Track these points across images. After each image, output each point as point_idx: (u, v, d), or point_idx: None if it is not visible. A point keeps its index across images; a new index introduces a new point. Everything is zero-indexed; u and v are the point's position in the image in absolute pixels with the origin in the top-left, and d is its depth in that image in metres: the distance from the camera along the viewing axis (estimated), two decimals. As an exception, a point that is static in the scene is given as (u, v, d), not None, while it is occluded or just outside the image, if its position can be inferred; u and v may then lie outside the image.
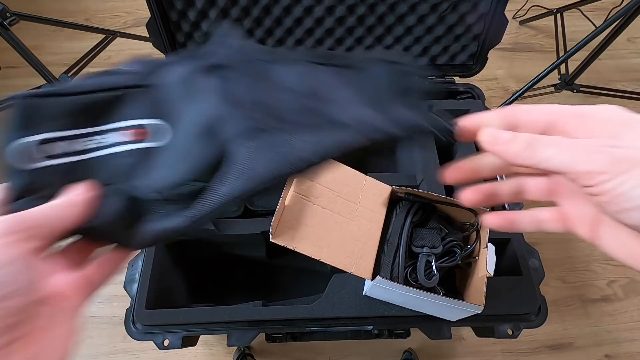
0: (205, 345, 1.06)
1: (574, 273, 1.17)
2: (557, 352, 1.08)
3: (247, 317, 0.63)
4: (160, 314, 0.63)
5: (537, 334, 1.07)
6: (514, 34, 1.67)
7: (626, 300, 1.14)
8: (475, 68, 0.88)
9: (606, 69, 1.56)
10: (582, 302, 1.14)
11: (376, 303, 0.63)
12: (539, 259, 0.67)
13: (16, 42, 1.01)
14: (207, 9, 0.77)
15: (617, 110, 0.23)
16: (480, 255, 0.56)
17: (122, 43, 1.37)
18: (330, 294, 0.63)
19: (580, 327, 1.10)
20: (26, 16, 1.05)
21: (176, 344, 0.63)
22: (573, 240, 1.22)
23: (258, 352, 1.05)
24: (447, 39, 0.84)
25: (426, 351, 1.06)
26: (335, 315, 0.62)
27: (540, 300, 0.63)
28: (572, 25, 1.50)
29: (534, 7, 1.63)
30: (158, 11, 0.75)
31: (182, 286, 0.79)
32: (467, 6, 0.78)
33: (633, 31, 1.47)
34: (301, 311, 0.62)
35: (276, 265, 0.86)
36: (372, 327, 0.68)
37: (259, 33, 0.82)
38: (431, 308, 0.59)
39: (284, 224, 0.54)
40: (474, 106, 0.84)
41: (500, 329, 0.64)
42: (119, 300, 1.10)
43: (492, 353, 1.07)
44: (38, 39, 1.56)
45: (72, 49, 1.48)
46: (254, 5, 0.77)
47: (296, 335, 0.86)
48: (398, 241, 0.57)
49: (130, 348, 1.05)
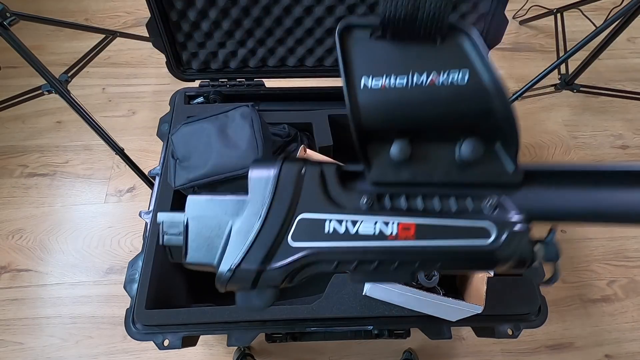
0: (205, 345, 1.06)
1: (574, 273, 1.17)
2: (557, 352, 1.08)
3: (247, 317, 0.63)
4: (160, 314, 0.63)
5: (537, 334, 1.07)
6: (514, 34, 1.67)
7: (626, 300, 1.14)
8: (475, 68, 0.88)
9: (606, 69, 1.56)
10: (582, 302, 1.14)
11: (376, 303, 0.63)
12: (539, 259, 0.67)
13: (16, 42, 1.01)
14: (207, 9, 0.77)
15: None
16: (480, 255, 0.56)
17: (122, 43, 1.38)
18: (330, 294, 0.63)
19: (580, 327, 1.11)
20: (26, 16, 1.05)
21: (176, 344, 0.63)
22: (573, 240, 1.22)
23: (258, 352, 1.05)
24: (447, 39, 0.84)
25: (426, 351, 1.06)
26: (335, 315, 0.62)
27: (540, 300, 0.63)
28: (572, 25, 1.50)
29: (534, 7, 1.63)
30: (158, 11, 0.75)
31: (182, 286, 0.79)
32: (467, 6, 0.78)
33: (633, 31, 1.48)
34: (301, 311, 0.62)
35: (276, 265, 0.86)
36: (372, 327, 0.68)
37: (258, 33, 0.82)
38: (431, 308, 0.59)
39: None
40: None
41: (500, 329, 0.64)
42: (119, 301, 1.10)
43: (492, 353, 1.07)
44: (38, 39, 1.56)
45: (72, 49, 1.48)
46: (254, 5, 0.77)
47: (296, 335, 0.85)
48: (398, 241, 0.57)
49: (130, 348, 1.05)
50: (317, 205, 0.26)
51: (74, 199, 1.26)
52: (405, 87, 0.24)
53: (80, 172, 1.32)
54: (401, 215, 0.26)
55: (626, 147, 1.40)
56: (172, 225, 0.29)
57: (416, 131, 0.26)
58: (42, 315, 1.10)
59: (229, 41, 0.83)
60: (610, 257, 1.19)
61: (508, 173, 0.25)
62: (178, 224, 0.29)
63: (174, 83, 0.88)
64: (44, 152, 1.35)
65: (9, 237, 1.20)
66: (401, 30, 0.23)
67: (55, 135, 1.38)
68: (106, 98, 1.47)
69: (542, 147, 1.39)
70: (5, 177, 1.30)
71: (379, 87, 0.24)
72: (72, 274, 1.15)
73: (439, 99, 0.24)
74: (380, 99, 0.24)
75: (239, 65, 0.87)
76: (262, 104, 0.89)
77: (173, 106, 0.87)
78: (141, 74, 1.53)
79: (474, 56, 0.23)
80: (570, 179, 0.26)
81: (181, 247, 0.28)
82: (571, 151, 1.39)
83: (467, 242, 0.25)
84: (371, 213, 0.26)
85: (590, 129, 1.44)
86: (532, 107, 1.47)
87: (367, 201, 0.26)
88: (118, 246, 1.18)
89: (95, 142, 1.33)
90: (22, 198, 1.26)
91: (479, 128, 0.25)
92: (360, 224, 0.26)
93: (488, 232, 0.25)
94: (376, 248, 0.25)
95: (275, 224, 0.26)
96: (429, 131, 0.26)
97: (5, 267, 1.16)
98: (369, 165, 0.27)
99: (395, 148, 0.26)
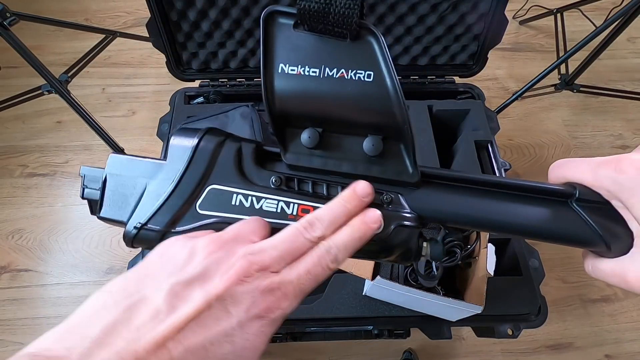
0: (205, 345, 1.06)
1: (574, 273, 1.17)
2: (557, 352, 1.08)
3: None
4: (160, 314, 0.63)
5: (537, 334, 1.07)
6: (514, 34, 1.67)
7: (626, 300, 1.14)
8: (475, 68, 0.88)
9: (606, 69, 1.56)
10: (582, 302, 1.14)
11: (376, 303, 0.63)
12: (539, 259, 0.67)
13: (16, 42, 1.01)
14: (207, 9, 0.77)
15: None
16: (480, 255, 0.56)
17: (122, 43, 1.38)
18: (330, 294, 0.63)
19: (580, 327, 1.11)
20: (26, 16, 1.05)
21: (176, 344, 0.63)
22: (573, 240, 1.22)
23: (258, 352, 1.05)
24: (447, 39, 0.84)
25: (426, 351, 1.06)
26: (335, 315, 0.62)
27: (540, 300, 0.63)
28: (572, 25, 1.50)
29: (534, 7, 1.63)
30: (158, 11, 0.75)
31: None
32: (467, 6, 0.78)
33: (633, 31, 1.48)
34: (301, 311, 0.62)
35: (276, 265, 0.86)
36: (372, 327, 0.68)
37: (258, 33, 0.81)
38: (431, 308, 0.59)
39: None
40: (474, 106, 0.84)
41: (500, 329, 0.64)
42: (119, 300, 1.10)
43: (492, 353, 1.07)
44: (38, 39, 1.56)
45: (72, 49, 1.48)
46: (254, 5, 0.77)
47: (296, 335, 0.85)
48: (398, 241, 0.57)
49: (130, 348, 1.05)
50: (229, 178, 0.28)
51: (74, 199, 1.26)
52: (317, 76, 0.26)
53: (80, 172, 1.32)
54: (303, 198, 0.28)
55: (626, 147, 1.40)
56: (92, 180, 0.30)
57: (327, 121, 0.28)
58: (42, 315, 1.10)
59: (229, 41, 0.83)
60: (610, 257, 1.19)
61: (408, 173, 0.28)
62: (98, 179, 0.30)
63: (174, 83, 0.88)
64: (44, 152, 1.35)
65: (9, 237, 1.20)
66: (315, 23, 0.24)
67: (55, 135, 1.38)
68: (106, 98, 1.47)
69: (542, 147, 1.39)
70: (5, 177, 1.30)
71: (295, 73, 0.26)
72: (72, 274, 1.15)
73: (347, 93, 0.26)
74: (294, 85, 0.26)
75: (239, 65, 0.87)
76: (262, 104, 0.89)
77: (173, 106, 0.87)
78: (141, 74, 1.53)
79: (380, 59, 0.25)
80: (462, 187, 0.28)
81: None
82: (571, 151, 1.39)
83: None
84: (277, 193, 0.28)
85: (590, 129, 1.44)
86: (532, 107, 1.47)
87: (276, 181, 0.28)
88: (118, 246, 1.18)
89: (95, 142, 1.33)
90: (22, 198, 1.26)
91: (382, 127, 0.27)
92: (265, 201, 0.28)
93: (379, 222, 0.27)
94: (275, 224, 0.27)
95: (186, 190, 0.28)
96: (339, 123, 0.28)
97: (5, 267, 1.16)
98: (285, 149, 0.29)
99: (305, 135, 0.28)
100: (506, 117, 1.42)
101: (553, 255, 1.19)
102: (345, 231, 0.25)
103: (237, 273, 0.22)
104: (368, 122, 0.27)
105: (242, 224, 0.26)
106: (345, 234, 0.25)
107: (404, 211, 0.28)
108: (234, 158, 0.29)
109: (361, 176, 0.28)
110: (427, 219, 0.28)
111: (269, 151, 0.30)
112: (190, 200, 0.28)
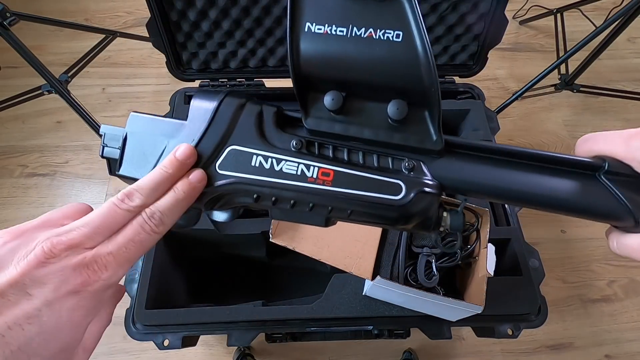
0: (205, 345, 1.06)
1: (574, 273, 1.17)
2: (557, 352, 1.08)
3: (247, 317, 0.63)
4: (160, 314, 0.63)
5: (537, 334, 1.07)
6: (514, 34, 1.67)
7: (626, 300, 1.14)
8: (475, 68, 0.88)
9: (606, 69, 1.55)
10: (582, 302, 1.14)
11: (376, 303, 0.63)
12: (539, 259, 0.67)
13: (16, 42, 1.01)
14: (207, 9, 0.77)
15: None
16: (480, 255, 0.56)
17: (122, 43, 1.38)
18: (330, 294, 0.63)
19: (580, 327, 1.10)
20: (26, 16, 1.05)
21: (176, 344, 0.63)
22: (573, 240, 1.22)
23: (258, 352, 1.05)
24: (447, 39, 0.84)
25: (426, 351, 1.06)
26: (335, 315, 0.62)
27: (540, 300, 0.63)
28: (572, 25, 1.50)
29: (534, 7, 1.63)
30: (158, 11, 0.75)
31: (182, 286, 0.79)
32: (467, 6, 0.78)
33: (633, 31, 1.47)
34: (301, 311, 0.62)
35: (276, 266, 0.86)
36: (372, 327, 0.68)
37: (258, 33, 0.82)
38: (431, 308, 0.59)
39: (284, 224, 0.54)
40: (474, 106, 0.84)
41: (500, 329, 0.64)
42: (119, 300, 1.10)
43: (492, 353, 1.07)
44: (38, 39, 1.56)
45: (72, 49, 1.48)
46: (254, 5, 0.77)
47: (296, 336, 0.86)
48: (398, 241, 0.57)
49: (130, 348, 1.05)
50: (249, 139, 0.28)
51: (74, 199, 1.26)
52: (344, 36, 0.25)
53: (80, 172, 1.32)
54: (324, 162, 0.27)
55: (626, 147, 1.40)
56: (112, 138, 0.30)
57: (352, 84, 0.27)
58: (42, 315, 1.10)
59: (229, 41, 0.83)
60: (610, 257, 1.19)
61: (431, 141, 0.27)
62: (118, 138, 0.30)
63: (174, 83, 0.88)
64: (44, 152, 1.35)
65: (9, 237, 1.20)
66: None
67: (55, 135, 1.38)
68: (106, 98, 1.47)
69: (542, 147, 1.39)
70: (5, 177, 1.30)
71: (322, 32, 0.26)
72: (72, 274, 1.15)
73: (374, 53, 0.25)
74: (320, 46, 0.26)
75: (239, 65, 0.87)
76: (263, 104, 0.89)
77: (173, 106, 0.87)
78: (141, 74, 1.53)
79: (410, 18, 0.24)
80: (487, 157, 0.27)
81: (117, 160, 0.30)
82: (571, 151, 1.39)
83: (378, 195, 0.27)
84: (297, 156, 0.28)
85: (590, 129, 1.43)
86: (532, 107, 1.47)
87: (297, 144, 0.28)
88: (118, 246, 1.18)
89: (95, 142, 1.33)
90: (22, 198, 1.26)
91: (408, 92, 0.26)
92: (285, 163, 0.28)
93: (399, 188, 0.27)
94: (294, 187, 0.27)
95: (207, 149, 0.28)
96: (364, 86, 0.27)
97: (5, 267, 1.15)
98: (306, 114, 0.28)
99: (329, 98, 0.27)
100: (506, 117, 1.42)
101: (553, 255, 1.19)
102: (170, 195, 0.26)
103: (36, 256, 0.22)
104: (394, 86, 0.26)
105: (53, 211, 0.26)
106: (169, 197, 0.26)
107: (425, 178, 0.27)
108: (255, 120, 0.28)
109: (383, 143, 0.28)
110: (450, 188, 0.28)
111: (290, 116, 0.30)
112: (211, 159, 0.28)
